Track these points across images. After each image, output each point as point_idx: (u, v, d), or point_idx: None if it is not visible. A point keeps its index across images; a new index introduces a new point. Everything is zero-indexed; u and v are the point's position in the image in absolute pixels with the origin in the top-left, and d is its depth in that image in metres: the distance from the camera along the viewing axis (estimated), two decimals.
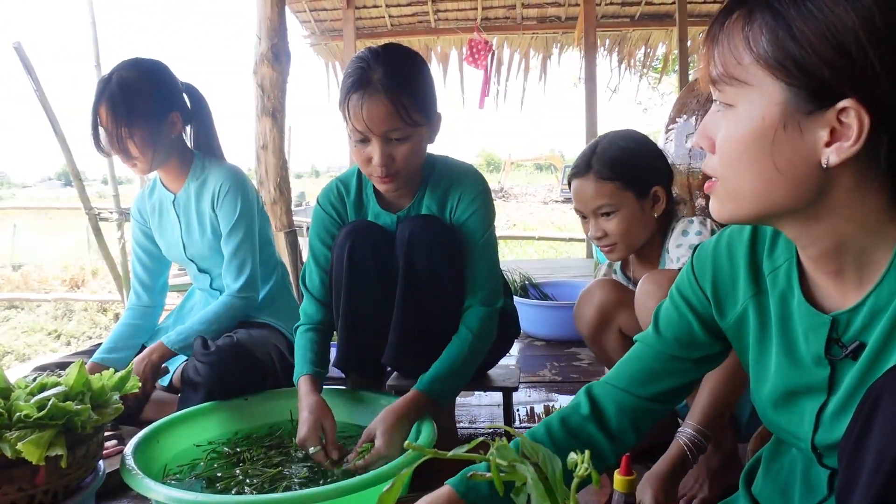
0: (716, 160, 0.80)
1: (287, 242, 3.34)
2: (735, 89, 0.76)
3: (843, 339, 0.83)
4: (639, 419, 1.07)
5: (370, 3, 6.48)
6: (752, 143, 0.76)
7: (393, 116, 1.49)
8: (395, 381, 1.87)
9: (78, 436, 1.29)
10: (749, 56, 0.75)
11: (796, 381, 0.88)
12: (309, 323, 1.72)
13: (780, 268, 0.91)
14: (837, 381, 0.84)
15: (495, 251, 1.71)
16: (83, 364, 1.35)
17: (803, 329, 0.87)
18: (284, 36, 3.27)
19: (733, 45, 0.76)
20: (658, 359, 1.06)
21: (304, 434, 1.48)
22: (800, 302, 0.87)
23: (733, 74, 0.76)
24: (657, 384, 1.06)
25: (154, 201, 2.13)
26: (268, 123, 3.28)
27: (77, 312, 7.91)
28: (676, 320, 1.04)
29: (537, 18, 6.94)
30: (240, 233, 1.98)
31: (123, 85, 1.86)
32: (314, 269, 1.75)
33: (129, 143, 1.87)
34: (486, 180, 1.73)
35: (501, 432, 1.90)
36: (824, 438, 0.85)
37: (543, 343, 2.98)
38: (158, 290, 2.19)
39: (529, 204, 23.32)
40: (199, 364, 1.75)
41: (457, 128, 9.43)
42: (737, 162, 0.77)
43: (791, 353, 0.89)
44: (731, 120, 0.77)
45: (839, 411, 0.82)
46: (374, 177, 1.58)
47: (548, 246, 11.73)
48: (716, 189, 0.82)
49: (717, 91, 0.79)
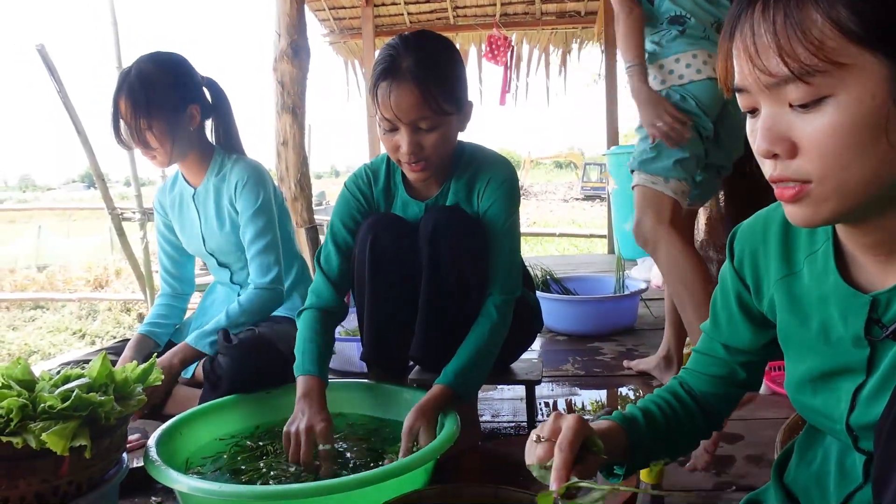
0: (806, 161, 0.73)
1: (308, 238, 3.34)
2: (829, 77, 0.69)
3: (884, 319, 0.81)
4: (722, 402, 1.09)
5: (389, 1, 6.49)
6: (864, 127, 0.69)
7: (422, 105, 1.48)
8: (416, 376, 1.86)
9: (102, 427, 1.29)
10: (836, 36, 0.68)
11: (833, 361, 0.87)
12: (317, 306, 1.70)
13: (819, 251, 0.89)
14: (876, 362, 0.82)
15: (517, 240, 1.70)
16: (106, 356, 1.35)
17: (840, 310, 0.85)
18: (304, 32, 3.28)
19: (807, 31, 0.69)
20: (718, 348, 1.07)
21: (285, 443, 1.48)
22: (837, 283, 0.85)
23: (831, 58, 0.68)
24: (728, 369, 1.07)
25: (175, 195, 2.14)
26: (288, 120, 3.29)
27: (101, 312, 7.99)
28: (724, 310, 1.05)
29: (556, 14, 6.90)
30: (260, 223, 1.99)
31: (142, 77, 1.87)
32: (332, 250, 1.73)
33: (148, 135, 1.89)
34: (514, 169, 1.72)
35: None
36: (860, 419, 0.83)
37: (566, 338, 2.96)
38: (186, 278, 2.25)
39: (549, 202, 23.25)
40: (221, 358, 1.76)
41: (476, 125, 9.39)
42: (846, 153, 0.70)
43: (827, 334, 0.87)
44: (832, 111, 0.70)
45: (877, 392, 0.81)
46: (403, 164, 1.57)
47: (568, 243, 11.68)
48: (809, 192, 0.74)
49: (795, 87, 0.71)
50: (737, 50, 0.75)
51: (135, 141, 1.91)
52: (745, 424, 1.80)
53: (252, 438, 1.63)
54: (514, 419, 2.00)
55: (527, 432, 1.87)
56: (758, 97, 0.76)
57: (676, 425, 1.06)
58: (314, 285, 1.73)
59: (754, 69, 0.73)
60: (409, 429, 1.44)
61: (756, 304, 1.00)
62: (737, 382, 1.07)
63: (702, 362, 1.09)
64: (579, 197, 23.45)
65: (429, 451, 1.31)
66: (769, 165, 0.77)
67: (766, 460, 1.59)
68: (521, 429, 1.91)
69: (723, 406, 1.09)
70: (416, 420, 1.44)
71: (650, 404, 1.07)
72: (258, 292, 1.97)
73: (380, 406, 1.73)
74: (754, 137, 0.77)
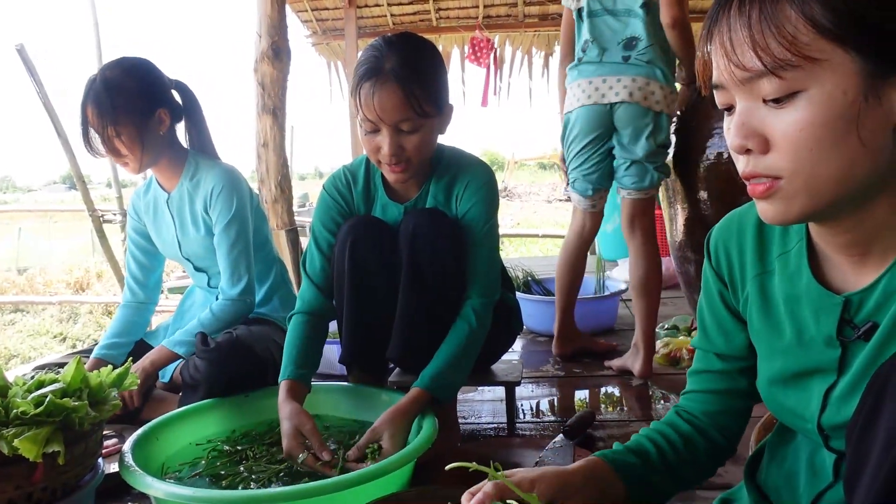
0: (777, 156, 0.74)
1: (288, 240, 3.33)
2: (802, 72, 0.70)
3: (856, 320, 0.82)
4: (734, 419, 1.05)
5: (372, 2, 6.47)
6: (835, 123, 0.70)
7: (404, 107, 1.48)
8: (396, 378, 1.86)
9: (76, 433, 1.28)
10: (809, 31, 0.69)
11: (805, 361, 0.87)
12: (306, 311, 1.70)
13: (791, 250, 0.89)
14: (848, 362, 0.83)
15: (496, 243, 1.70)
16: (81, 360, 1.34)
17: (813, 310, 0.86)
18: (285, 33, 3.27)
19: (780, 26, 0.70)
20: (714, 359, 1.04)
21: (286, 445, 1.45)
22: (810, 283, 0.86)
23: (804, 53, 0.69)
24: (732, 380, 1.03)
25: (149, 199, 2.12)
26: (268, 121, 3.28)
27: (82, 315, 7.91)
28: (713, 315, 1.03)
29: (539, 16, 6.91)
30: (232, 234, 1.97)
31: (108, 83, 1.86)
32: (315, 255, 1.73)
33: (117, 142, 1.87)
34: (493, 172, 1.73)
35: (504, 428, 1.89)
36: (831, 419, 0.84)
37: (546, 338, 2.96)
38: (152, 286, 2.19)
39: (533, 203, 23.28)
40: (198, 361, 1.75)
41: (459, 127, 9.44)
42: (817, 148, 0.71)
43: (800, 334, 0.88)
44: (804, 106, 0.71)
45: (848, 392, 0.81)
46: (384, 165, 1.57)
47: (552, 244, 11.69)
48: (779, 189, 0.75)
49: (769, 81, 0.72)
50: (714, 47, 0.76)
51: (105, 149, 1.89)
52: None
53: (230, 442, 1.62)
54: (494, 420, 2.00)
55: (507, 433, 1.88)
56: (733, 93, 0.76)
57: (676, 456, 1.02)
58: (301, 291, 1.74)
59: (729, 64, 0.74)
60: (372, 429, 1.43)
61: (734, 302, 1.00)
62: (741, 393, 1.04)
63: (700, 381, 1.06)
64: (563, 198, 23.47)
65: (407, 454, 1.31)
66: (742, 161, 0.77)
67: (740, 459, 1.59)
68: (501, 430, 1.92)
69: (733, 423, 1.05)
70: (385, 423, 1.44)
71: (643, 440, 1.03)
72: (227, 303, 1.96)
73: (358, 408, 1.72)
74: (728, 134, 0.78)
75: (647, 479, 0.98)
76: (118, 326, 2.08)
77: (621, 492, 0.95)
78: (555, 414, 2.07)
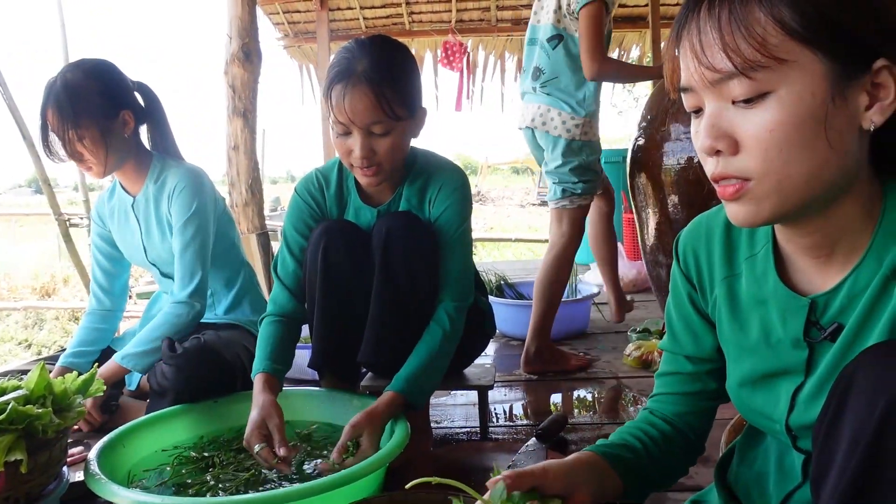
0: (747, 158, 0.74)
1: (259, 244, 3.30)
2: (771, 73, 0.71)
3: (822, 321, 0.83)
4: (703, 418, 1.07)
5: (344, 5, 6.46)
6: (804, 124, 0.71)
7: (375, 109, 1.48)
8: (369, 382, 1.84)
9: (39, 440, 1.25)
10: (778, 33, 0.70)
11: (773, 363, 0.88)
12: (277, 314, 1.69)
13: (758, 253, 0.90)
14: (815, 363, 0.84)
15: (469, 247, 1.70)
16: (44, 366, 1.32)
17: (780, 312, 0.87)
18: (255, 35, 3.24)
19: (750, 27, 0.71)
20: (683, 361, 1.05)
21: (247, 432, 1.43)
22: (776, 285, 0.87)
23: (773, 54, 0.70)
24: (700, 381, 1.04)
25: (113, 204, 2.08)
26: (239, 124, 3.25)
27: (48, 321, 7.77)
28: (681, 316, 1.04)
29: (512, 21, 6.96)
30: (188, 234, 1.92)
31: (68, 86, 1.81)
32: (287, 258, 1.72)
33: (79, 146, 1.83)
34: (466, 176, 1.73)
35: (477, 433, 1.89)
36: (798, 419, 0.85)
37: (519, 342, 2.96)
38: (118, 293, 2.14)
39: (506, 207, 23.35)
40: (165, 367, 1.72)
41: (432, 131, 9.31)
42: (786, 149, 0.71)
43: (767, 336, 0.89)
44: (773, 107, 0.71)
45: (815, 393, 0.82)
46: (356, 169, 1.56)
47: (525, 248, 11.74)
48: (748, 191, 0.75)
49: (739, 82, 0.72)
50: (683, 49, 0.76)
51: (67, 153, 1.84)
52: None
53: (197, 449, 1.59)
54: (467, 424, 2.00)
55: (479, 437, 1.88)
56: (702, 95, 0.76)
57: (659, 452, 1.02)
58: (273, 294, 1.72)
59: (699, 66, 0.74)
60: (351, 426, 1.41)
61: (703, 305, 1.00)
62: (709, 395, 1.05)
63: (669, 383, 1.07)
64: (536, 202, 23.59)
65: (378, 459, 1.30)
66: (711, 163, 0.77)
67: (712, 461, 1.61)
68: (474, 434, 1.91)
69: (701, 423, 1.06)
70: (361, 422, 1.42)
71: (628, 437, 1.03)
72: (176, 307, 1.90)
73: (330, 413, 1.71)
74: (697, 137, 0.78)
75: (641, 473, 0.99)
76: (84, 334, 2.03)
77: (619, 485, 0.96)
78: (528, 417, 2.08)
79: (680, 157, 2.40)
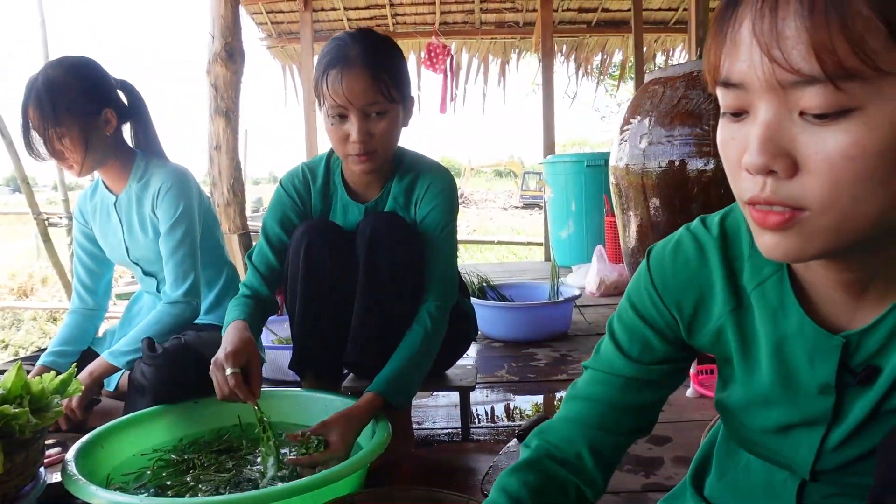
0: (807, 184, 0.59)
1: (241, 245, 3.29)
2: (864, 86, 0.54)
3: (852, 362, 0.73)
4: (615, 455, 0.92)
5: (328, 6, 6.46)
6: (889, 154, 0.56)
7: (373, 89, 1.51)
8: (351, 384, 1.84)
9: (16, 441, 1.24)
10: (883, 35, 0.53)
11: (794, 412, 0.78)
12: (250, 293, 1.67)
13: (768, 281, 0.77)
14: (844, 410, 0.75)
15: (454, 249, 1.71)
16: (21, 366, 1.30)
17: (806, 352, 0.75)
18: (239, 35, 3.23)
19: (850, 22, 0.53)
20: (620, 386, 0.89)
21: (220, 355, 1.43)
22: (802, 322, 0.75)
23: (873, 62, 0.53)
24: (628, 415, 0.90)
25: (96, 202, 2.06)
26: (221, 124, 3.23)
27: (25, 322, 7.67)
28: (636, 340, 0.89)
29: (495, 23, 7.00)
30: (177, 235, 1.91)
31: (49, 84, 1.79)
32: (265, 248, 1.71)
33: (60, 144, 1.81)
34: (453, 177, 1.74)
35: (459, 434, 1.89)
36: (826, 465, 0.78)
37: (501, 344, 2.98)
38: (101, 292, 2.12)
39: (489, 209, 23.41)
40: (145, 367, 1.70)
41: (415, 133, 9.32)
42: (862, 182, 0.56)
43: (789, 380, 0.78)
44: (857, 128, 0.55)
45: (846, 440, 0.75)
46: (351, 155, 1.56)
47: (507, 250, 11.78)
48: (801, 222, 0.60)
49: (819, 91, 0.56)
50: (744, 32, 0.59)
51: (48, 151, 1.82)
52: (673, 426, 1.84)
53: (177, 451, 1.58)
54: (448, 426, 2.00)
55: (461, 439, 1.88)
56: (758, 98, 0.60)
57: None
58: (245, 280, 1.71)
59: (769, 62, 0.57)
60: (322, 423, 1.39)
61: (686, 337, 0.86)
62: (632, 427, 0.91)
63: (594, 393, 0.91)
64: (519, 205, 23.69)
65: (359, 459, 1.30)
66: (756, 183, 0.62)
67: (686, 461, 1.63)
68: (456, 436, 1.91)
69: (616, 460, 0.92)
70: (337, 421, 1.40)
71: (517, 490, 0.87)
72: (169, 307, 1.89)
73: (311, 414, 1.70)
74: (735, 145, 0.64)
75: None
76: (66, 333, 2.01)
77: None
78: (509, 419, 2.08)
79: (661, 160, 2.42)
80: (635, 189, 2.59)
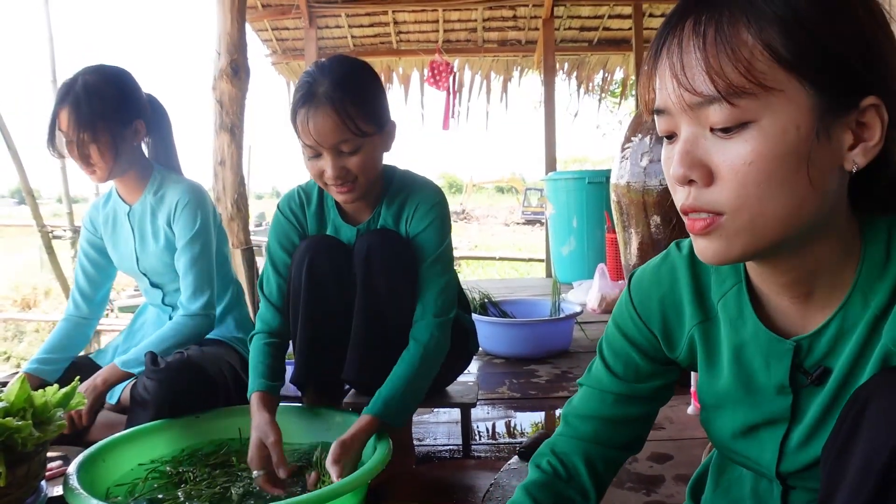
0: (721, 191, 0.69)
1: (244, 260, 3.29)
2: (755, 101, 0.65)
3: (805, 364, 0.79)
4: (608, 469, 1.00)
5: (332, 24, 6.51)
6: (785, 159, 0.65)
7: (340, 128, 1.49)
8: (352, 399, 1.84)
9: (18, 453, 1.24)
10: (766, 59, 0.64)
11: (756, 413, 0.84)
12: (266, 331, 1.69)
13: (729, 292, 0.85)
14: (801, 409, 0.81)
15: (450, 264, 1.71)
16: (25, 379, 1.31)
17: (762, 356, 0.82)
18: (244, 52, 3.25)
19: (736, 50, 0.65)
20: (611, 403, 0.97)
21: (249, 455, 1.46)
22: (757, 329, 0.82)
23: (759, 81, 0.64)
24: (620, 430, 0.98)
25: (108, 211, 2.08)
26: (226, 139, 3.25)
27: (28, 334, 7.69)
28: (621, 359, 0.97)
29: (498, 41, 7.04)
30: (196, 249, 1.94)
31: (89, 89, 1.82)
32: (272, 276, 1.72)
33: (91, 149, 1.84)
34: (443, 194, 1.73)
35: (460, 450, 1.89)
36: (790, 466, 0.82)
37: (502, 360, 2.98)
38: (98, 302, 2.13)
39: (491, 226, 23.45)
40: (147, 381, 1.71)
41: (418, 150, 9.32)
42: (764, 185, 0.66)
43: (749, 383, 0.84)
44: (754, 138, 0.66)
45: (806, 440, 0.80)
46: (331, 188, 1.57)
47: (509, 267, 11.79)
48: (720, 226, 0.70)
49: (719, 108, 0.67)
50: (662, 68, 0.71)
51: (74, 154, 1.85)
52: (674, 444, 1.84)
53: (172, 464, 1.58)
54: (450, 442, 2.00)
55: (462, 455, 1.88)
56: (678, 119, 0.71)
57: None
58: (260, 312, 1.73)
59: (678, 88, 0.69)
60: (333, 462, 1.38)
61: (668, 353, 0.93)
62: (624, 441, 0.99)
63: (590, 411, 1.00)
64: (520, 221, 23.73)
65: (360, 476, 1.30)
66: (682, 193, 0.72)
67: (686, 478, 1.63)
68: (457, 452, 1.91)
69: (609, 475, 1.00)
70: (341, 454, 1.40)
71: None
72: (186, 319, 1.91)
73: (313, 430, 1.70)
74: (669, 164, 0.73)
75: None
76: (56, 340, 2.00)
77: None
78: (510, 436, 2.08)
79: (662, 177, 2.44)
80: (636, 206, 2.60)
